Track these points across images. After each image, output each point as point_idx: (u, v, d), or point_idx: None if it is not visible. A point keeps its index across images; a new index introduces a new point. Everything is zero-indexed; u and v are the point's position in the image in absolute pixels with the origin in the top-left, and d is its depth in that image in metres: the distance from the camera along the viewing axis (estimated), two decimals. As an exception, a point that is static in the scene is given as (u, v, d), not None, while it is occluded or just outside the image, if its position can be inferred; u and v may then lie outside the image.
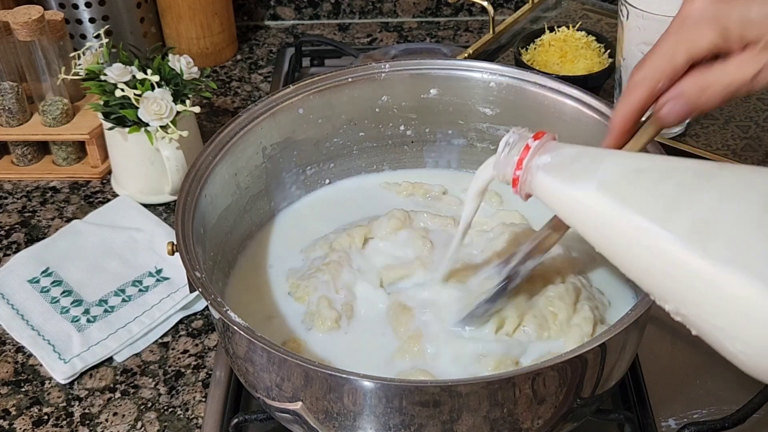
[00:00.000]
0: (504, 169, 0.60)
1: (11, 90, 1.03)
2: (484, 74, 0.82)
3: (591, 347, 0.56)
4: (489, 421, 0.57)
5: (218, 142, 0.75)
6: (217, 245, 0.75)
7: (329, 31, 1.37)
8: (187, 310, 0.87)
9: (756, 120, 0.97)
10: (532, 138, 0.58)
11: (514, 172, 0.59)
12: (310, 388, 0.58)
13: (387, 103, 0.85)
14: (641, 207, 0.50)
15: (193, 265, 0.63)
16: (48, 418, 0.77)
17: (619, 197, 0.52)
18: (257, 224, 0.83)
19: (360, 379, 0.55)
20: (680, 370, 0.78)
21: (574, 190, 0.55)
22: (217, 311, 0.60)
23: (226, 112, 1.18)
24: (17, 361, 0.83)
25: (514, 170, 0.59)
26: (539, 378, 0.56)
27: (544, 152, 0.58)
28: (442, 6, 1.37)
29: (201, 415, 0.76)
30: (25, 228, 0.99)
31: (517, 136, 0.59)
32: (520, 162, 0.58)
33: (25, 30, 0.98)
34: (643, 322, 0.65)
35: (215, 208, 0.74)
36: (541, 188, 0.58)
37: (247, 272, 0.78)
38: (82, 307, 0.86)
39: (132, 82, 0.93)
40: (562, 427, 0.62)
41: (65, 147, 1.06)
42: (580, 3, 1.21)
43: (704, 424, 0.70)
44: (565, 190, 0.55)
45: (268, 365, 0.60)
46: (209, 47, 1.26)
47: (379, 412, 0.57)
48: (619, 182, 0.53)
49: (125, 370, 0.82)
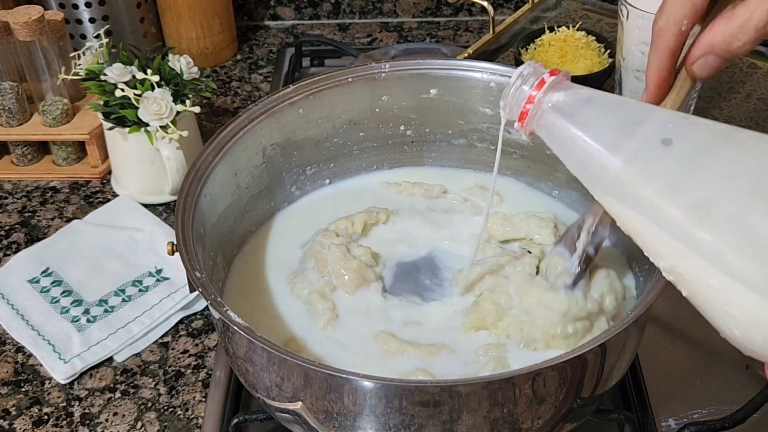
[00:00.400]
0: (513, 99, 0.58)
1: (11, 90, 1.03)
2: (484, 74, 0.82)
3: (591, 347, 0.56)
4: (489, 421, 0.57)
5: (218, 142, 0.75)
6: (217, 245, 0.75)
7: (329, 31, 1.37)
8: (187, 310, 0.87)
9: (756, 120, 0.97)
10: (548, 73, 0.57)
11: (524, 105, 0.57)
12: (310, 388, 0.58)
13: (387, 103, 0.85)
14: (642, 187, 0.50)
15: (193, 265, 0.63)
16: (48, 418, 0.77)
17: (634, 167, 0.51)
18: (257, 224, 0.83)
19: (360, 379, 0.55)
20: (680, 370, 0.78)
21: (581, 137, 0.53)
22: (217, 311, 0.60)
23: (226, 112, 1.18)
24: (17, 361, 0.83)
25: (525, 103, 0.57)
26: (539, 378, 0.56)
27: (559, 89, 0.56)
28: (442, 6, 1.37)
29: (201, 415, 0.76)
30: (25, 228, 0.99)
31: (531, 68, 0.57)
32: (533, 96, 0.56)
33: (25, 30, 0.98)
34: (643, 322, 0.65)
35: (215, 208, 0.74)
36: (549, 127, 0.56)
37: (247, 272, 0.78)
38: (82, 307, 0.86)
39: (132, 82, 0.93)
40: (562, 427, 0.62)
41: (65, 147, 1.06)
42: (580, 3, 1.21)
43: (704, 424, 0.70)
44: (573, 134, 0.54)
45: (268, 365, 0.60)
46: (209, 47, 1.26)
47: (379, 411, 0.57)
48: (635, 153, 0.51)
49: (125, 370, 0.82)
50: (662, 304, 0.84)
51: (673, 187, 0.49)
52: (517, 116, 0.58)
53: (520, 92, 0.57)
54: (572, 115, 0.55)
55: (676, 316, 0.83)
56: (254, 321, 0.69)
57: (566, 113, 0.55)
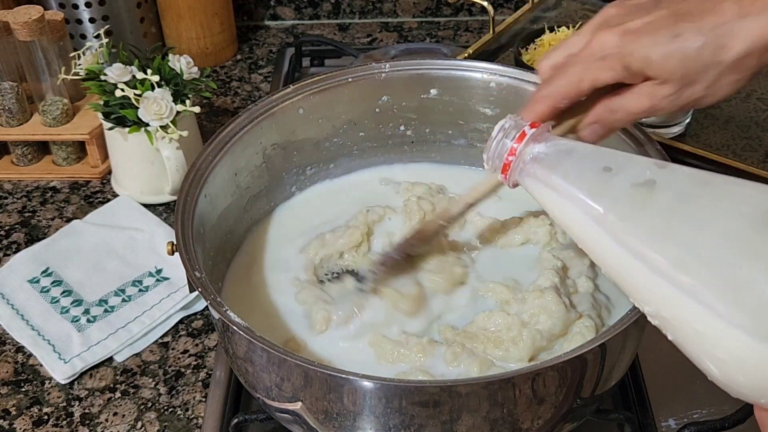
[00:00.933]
0: (495, 152, 0.59)
1: (11, 90, 1.03)
2: (484, 74, 0.82)
3: (591, 347, 0.56)
4: (489, 421, 0.57)
5: (218, 142, 0.75)
6: (217, 245, 0.75)
7: (329, 31, 1.37)
8: (187, 310, 0.87)
9: (756, 120, 0.97)
10: (529, 126, 0.58)
11: (506, 157, 0.58)
12: (310, 389, 0.58)
13: (387, 103, 0.85)
14: (625, 234, 0.51)
15: (192, 265, 0.63)
16: (48, 418, 0.77)
17: (608, 223, 0.52)
18: (257, 223, 0.83)
19: (359, 379, 0.55)
20: (680, 370, 0.78)
21: (563, 186, 0.55)
22: (216, 311, 0.60)
23: (226, 112, 1.18)
24: (17, 361, 0.83)
25: (507, 155, 0.58)
26: (539, 378, 0.56)
27: (539, 141, 0.58)
28: (442, 6, 1.37)
29: (201, 415, 0.76)
30: (25, 228, 0.99)
31: (512, 122, 0.59)
32: (514, 149, 0.58)
33: (25, 30, 0.98)
34: (642, 323, 0.65)
35: (215, 208, 0.74)
36: (531, 178, 0.58)
37: (247, 272, 0.78)
38: (82, 307, 0.86)
39: (132, 82, 0.93)
40: (562, 428, 0.62)
41: (65, 147, 1.06)
42: (580, 3, 1.21)
43: (704, 424, 0.70)
44: (555, 183, 0.56)
45: (267, 365, 0.60)
46: (209, 47, 1.26)
47: (378, 412, 0.57)
48: (611, 205, 0.53)
49: (125, 370, 0.82)
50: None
51: (655, 234, 0.50)
52: (500, 168, 0.59)
53: (502, 145, 0.59)
54: (553, 166, 0.56)
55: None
56: (254, 321, 0.69)
57: (547, 164, 0.57)
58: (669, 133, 0.92)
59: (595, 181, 0.53)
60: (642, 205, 0.51)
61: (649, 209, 0.51)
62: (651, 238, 0.50)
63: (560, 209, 0.56)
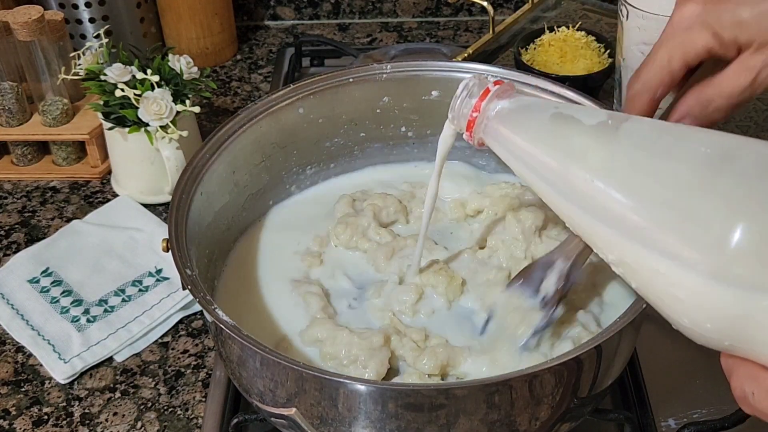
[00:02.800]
0: (460, 111, 0.59)
1: (11, 90, 1.03)
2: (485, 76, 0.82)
3: (586, 349, 0.56)
4: (486, 423, 0.57)
5: (216, 140, 0.74)
6: (214, 243, 0.75)
7: (329, 31, 1.37)
8: (187, 310, 0.87)
9: (756, 120, 0.97)
10: (493, 83, 0.58)
11: (470, 114, 0.58)
12: (303, 390, 0.58)
13: (388, 104, 0.84)
14: (582, 183, 0.50)
15: (184, 263, 0.62)
16: (48, 418, 0.77)
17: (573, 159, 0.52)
18: (254, 222, 0.83)
19: (353, 383, 0.55)
20: (680, 370, 0.78)
21: (523, 140, 0.54)
22: (204, 309, 0.59)
23: (226, 112, 1.18)
24: (17, 361, 0.83)
25: (471, 113, 0.58)
26: (536, 380, 0.56)
27: (503, 98, 0.57)
28: (442, 6, 1.37)
29: (201, 415, 0.76)
30: (25, 228, 0.99)
31: (476, 80, 0.59)
32: (478, 105, 0.58)
33: (25, 30, 0.98)
34: (638, 323, 0.65)
35: (211, 206, 0.74)
36: (495, 135, 0.57)
37: (242, 271, 0.78)
38: (82, 307, 0.86)
39: (132, 82, 0.93)
40: (560, 428, 0.62)
41: (65, 147, 1.06)
42: (580, 3, 1.21)
43: (704, 424, 0.70)
44: (515, 138, 0.55)
45: (254, 364, 0.60)
46: (209, 47, 1.26)
47: (374, 417, 0.56)
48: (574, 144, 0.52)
49: (125, 370, 0.82)
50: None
51: (613, 177, 0.49)
52: (465, 126, 0.59)
53: (466, 103, 0.59)
54: (514, 121, 0.56)
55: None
56: (247, 320, 0.69)
57: (509, 120, 0.56)
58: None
59: (552, 133, 0.53)
60: (600, 150, 0.50)
61: (607, 153, 0.50)
62: (608, 181, 0.49)
63: (523, 165, 0.55)
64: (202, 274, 0.63)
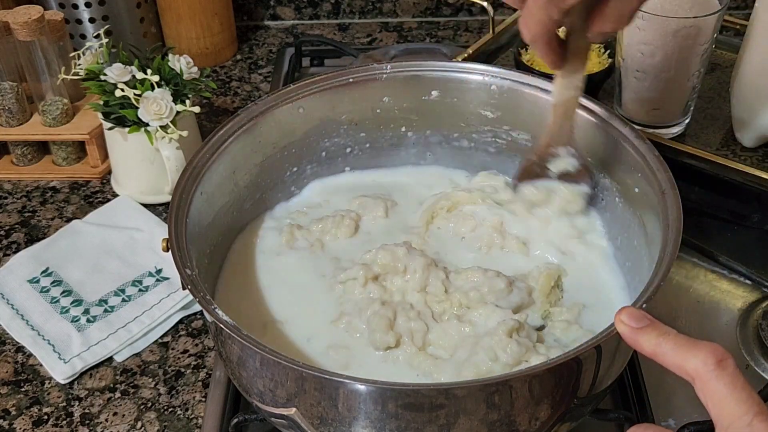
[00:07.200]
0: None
1: (11, 90, 1.03)
2: (485, 77, 0.82)
3: (586, 349, 0.56)
4: (486, 423, 0.57)
5: (216, 140, 0.74)
6: (214, 243, 0.75)
7: (329, 31, 1.37)
8: (187, 310, 0.87)
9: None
10: None
11: None
12: (303, 390, 0.58)
13: (388, 104, 0.84)
14: None
15: (183, 262, 0.62)
16: (48, 418, 0.77)
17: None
18: (254, 222, 0.82)
19: (352, 382, 0.55)
20: (680, 370, 0.78)
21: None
22: (204, 309, 0.59)
23: (226, 112, 1.18)
24: (17, 361, 0.83)
25: None
26: (536, 380, 0.56)
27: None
28: (442, 6, 1.37)
29: (201, 415, 0.76)
30: (25, 228, 0.99)
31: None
32: None
33: (25, 30, 0.98)
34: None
35: (211, 205, 0.74)
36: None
37: (242, 271, 0.78)
38: (82, 307, 0.86)
39: (132, 82, 0.93)
40: (560, 428, 0.62)
41: (65, 147, 1.06)
42: (580, 3, 1.21)
43: (704, 424, 0.70)
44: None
45: (254, 364, 0.60)
46: (209, 47, 1.26)
47: (374, 417, 0.56)
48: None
49: (125, 370, 0.82)
50: (662, 303, 0.84)
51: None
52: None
53: None
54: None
55: (676, 315, 0.83)
56: (249, 322, 0.69)
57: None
58: (668, 133, 0.92)
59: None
60: None
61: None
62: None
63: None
64: (202, 274, 0.63)
